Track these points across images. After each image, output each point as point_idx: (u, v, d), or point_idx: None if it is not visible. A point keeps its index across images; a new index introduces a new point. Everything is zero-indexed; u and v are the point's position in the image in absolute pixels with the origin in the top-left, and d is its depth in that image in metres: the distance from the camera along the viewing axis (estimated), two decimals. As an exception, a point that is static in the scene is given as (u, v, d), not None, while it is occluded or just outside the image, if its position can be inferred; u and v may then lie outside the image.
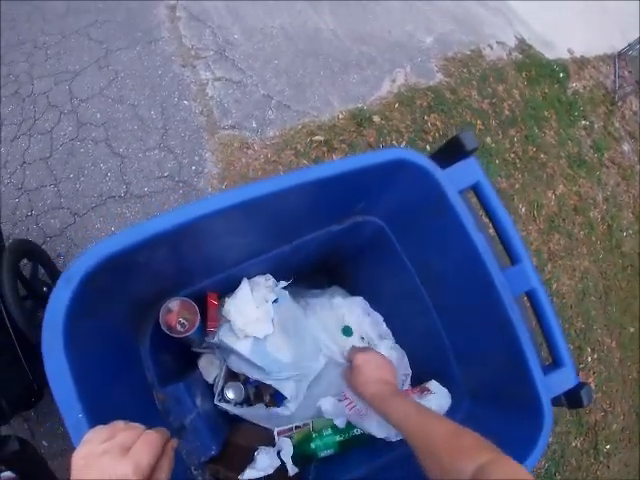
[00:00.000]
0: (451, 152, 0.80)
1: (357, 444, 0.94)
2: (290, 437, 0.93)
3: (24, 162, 2.05)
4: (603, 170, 3.03)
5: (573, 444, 2.19)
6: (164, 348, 0.89)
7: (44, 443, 1.61)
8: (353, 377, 0.84)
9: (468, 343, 0.90)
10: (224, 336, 0.87)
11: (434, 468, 0.58)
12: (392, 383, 0.81)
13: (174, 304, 0.83)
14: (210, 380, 0.98)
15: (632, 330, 2.66)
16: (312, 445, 0.90)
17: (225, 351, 0.94)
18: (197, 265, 0.84)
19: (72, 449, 0.46)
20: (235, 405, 0.96)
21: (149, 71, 2.16)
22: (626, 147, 3.24)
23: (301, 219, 0.89)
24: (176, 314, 0.82)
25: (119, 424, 0.48)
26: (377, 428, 0.90)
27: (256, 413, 0.95)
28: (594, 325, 2.49)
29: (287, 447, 0.88)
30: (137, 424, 0.49)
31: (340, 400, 0.95)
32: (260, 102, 2.09)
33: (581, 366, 2.35)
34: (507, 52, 3.05)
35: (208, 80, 2.10)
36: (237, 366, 0.92)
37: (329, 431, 0.93)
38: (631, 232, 2.94)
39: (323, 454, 0.91)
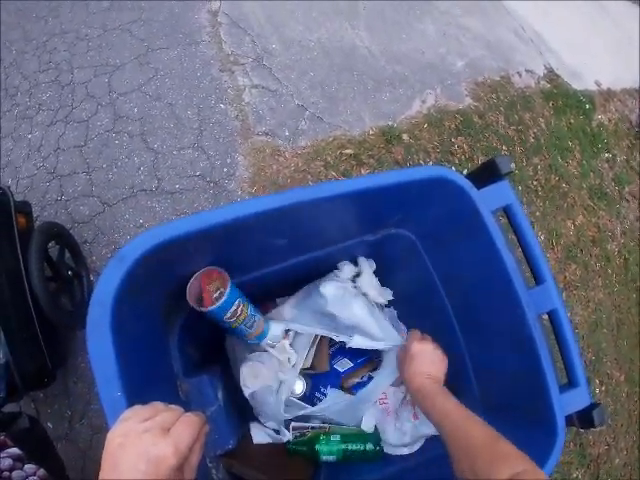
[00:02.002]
0: (486, 174, 0.84)
1: (363, 459, 0.93)
2: (304, 435, 0.94)
3: (58, 148, 2.11)
4: (623, 204, 3.04)
5: (574, 475, 2.18)
6: (191, 340, 0.91)
7: (49, 425, 1.63)
8: (405, 364, 0.84)
9: (488, 358, 0.92)
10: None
11: (466, 469, 0.59)
12: (440, 380, 0.82)
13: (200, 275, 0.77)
14: (247, 392, 0.92)
15: (641, 366, 2.66)
16: (316, 447, 0.91)
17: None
18: (235, 261, 0.86)
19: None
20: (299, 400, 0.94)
21: (188, 72, 2.22)
22: (647, 182, 3.25)
23: (338, 226, 0.92)
24: (204, 285, 0.77)
25: (159, 404, 0.48)
26: (393, 434, 0.93)
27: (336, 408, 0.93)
28: (604, 358, 2.49)
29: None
30: (176, 406, 0.49)
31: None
32: (294, 112, 2.14)
33: (588, 398, 2.34)
34: (535, 80, 3.09)
35: (245, 86, 2.16)
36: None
37: (337, 437, 0.92)
38: (647, 267, 2.94)
39: (325, 459, 0.90)
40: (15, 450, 1.09)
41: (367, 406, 0.94)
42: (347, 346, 0.90)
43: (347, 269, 1.09)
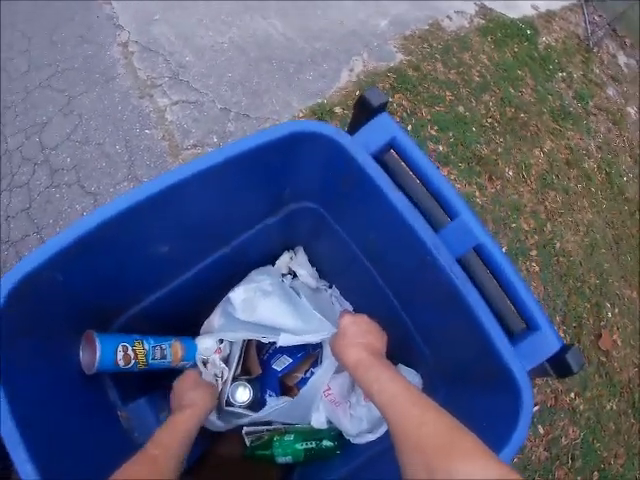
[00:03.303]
0: (362, 114, 0.76)
1: (325, 457, 0.86)
2: (260, 438, 0.89)
3: (8, 216, 2.09)
4: (591, 118, 2.91)
5: (608, 407, 2.06)
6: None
7: None
8: (336, 340, 0.72)
9: (427, 319, 0.83)
10: None
11: (418, 466, 0.47)
12: (380, 351, 0.69)
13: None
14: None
15: (652, 276, 2.52)
16: (272, 449, 0.85)
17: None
18: (140, 278, 0.80)
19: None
20: (244, 409, 0.88)
21: (110, 109, 2.19)
22: (611, 91, 3.12)
23: (228, 216, 0.84)
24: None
25: None
26: (349, 423, 0.85)
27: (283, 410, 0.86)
28: (609, 278, 2.36)
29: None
30: None
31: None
32: (218, 117, 2.08)
33: (602, 323, 2.22)
34: (468, 20, 2.99)
35: (166, 106, 2.11)
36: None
37: (291, 437, 0.85)
38: (632, 176, 2.81)
39: (281, 460, 0.84)
40: None
41: (314, 402, 0.87)
42: (277, 345, 0.83)
43: (280, 263, 1.04)
